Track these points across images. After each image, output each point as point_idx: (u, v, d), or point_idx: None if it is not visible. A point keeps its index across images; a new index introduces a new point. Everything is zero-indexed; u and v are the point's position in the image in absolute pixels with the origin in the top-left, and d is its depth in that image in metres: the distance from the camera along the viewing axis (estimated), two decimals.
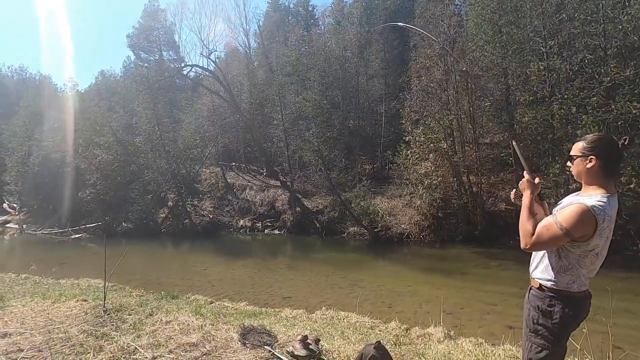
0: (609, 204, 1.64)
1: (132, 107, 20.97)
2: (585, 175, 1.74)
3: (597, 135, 1.79)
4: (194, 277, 10.22)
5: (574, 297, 1.70)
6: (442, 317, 4.54)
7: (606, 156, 1.70)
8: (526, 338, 1.78)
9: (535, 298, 1.75)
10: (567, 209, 1.64)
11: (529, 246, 1.69)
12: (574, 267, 1.68)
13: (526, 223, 1.72)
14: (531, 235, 1.68)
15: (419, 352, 3.26)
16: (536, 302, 1.74)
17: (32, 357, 3.14)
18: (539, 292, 1.74)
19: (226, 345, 3.31)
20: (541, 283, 1.74)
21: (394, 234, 14.99)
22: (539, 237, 1.66)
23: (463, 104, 13.35)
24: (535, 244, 1.68)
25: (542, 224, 1.69)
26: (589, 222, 1.59)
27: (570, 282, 1.69)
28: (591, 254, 1.66)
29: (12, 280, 6.42)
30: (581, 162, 1.74)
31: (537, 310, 1.72)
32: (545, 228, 1.66)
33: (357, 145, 21.18)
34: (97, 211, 19.58)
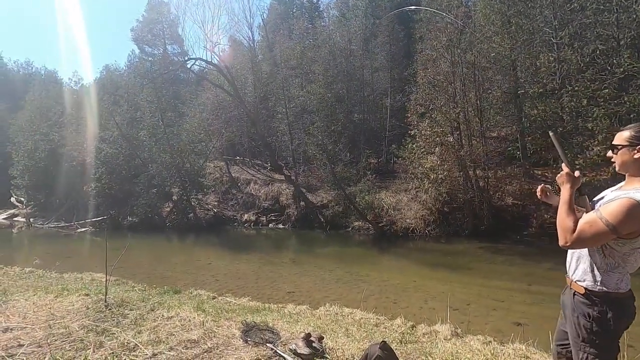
0: None
1: (136, 101, 20.93)
2: (633, 166, 1.63)
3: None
4: (198, 272, 10.22)
5: (623, 299, 1.61)
6: (448, 313, 4.42)
7: None
8: (578, 348, 1.66)
9: (583, 305, 1.63)
10: (614, 204, 1.52)
11: (570, 243, 1.57)
12: (620, 265, 1.59)
13: (566, 219, 1.61)
14: (572, 232, 1.56)
15: (426, 351, 3.16)
16: (585, 310, 1.62)
17: (32, 353, 3.09)
18: (585, 298, 1.63)
19: (228, 343, 3.24)
20: (587, 288, 1.62)
21: (399, 228, 14.86)
22: (581, 234, 1.54)
23: (470, 96, 13.09)
24: (577, 241, 1.56)
25: (585, 219, 1.58)
26: (637, 217, 1.47)
27: (618, 281, 1.59)
28: (638, 251, 1.56)
29: (16, 274, 6.42)
30: (628, 152, 1.63)
31: (588, 318, 1.60)
32: (588, 224, 1.54)
33: (362, 139, 20.99)
34: (102, 205, 19.69)
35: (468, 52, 12.85)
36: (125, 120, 20.53)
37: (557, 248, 1.60)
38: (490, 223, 13.15)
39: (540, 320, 6.18)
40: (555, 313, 4.37)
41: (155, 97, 19.28)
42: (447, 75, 13.02)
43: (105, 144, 20.03)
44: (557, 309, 6.04)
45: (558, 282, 7.30)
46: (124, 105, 21.54)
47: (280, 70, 22.69)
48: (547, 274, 9.38)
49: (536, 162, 13.73)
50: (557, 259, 10.83)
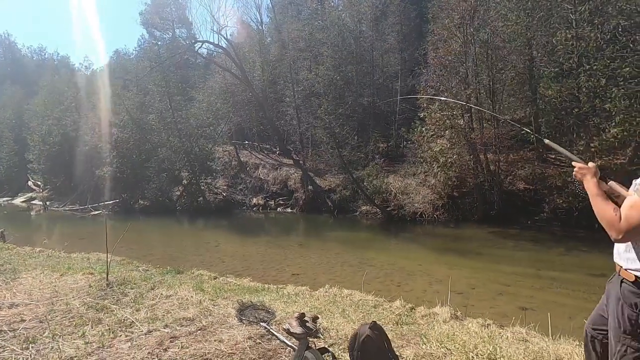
0: None
1: (145, 86, 20.99)
2: None
3: None
4: (206, 253, 10.37)
5: None
6: (449, 296, 4.36)
7: None
8: (618, 339, 1.55)
9: (631, 294, 1.50)
10: None
11: (622, 234, 1.43)
12: None
13: (606, 210, 1.49)
14: (618, 222, 1.44)
15: (421, 333, 3.12)
16: (633, 299, 1.49)
17: (33, 328, 3.17)
18: (635, 287, 1.49)
19: (223, 321, 3.26)
20: (638, 276, 1.48)
21: (407, 213, 14.73)
22: (629, 220, 1.42)
23: (482, 77, 12.64)
24: (628, 230, 1.42)
25: (627, 204, 1.46)
26: None
27: None
28: None
29: (26, 253, 6.61)
30: None
31: (635, 309, 1.49)
32: (632, 208, 1.42)
33: (371, 123, 20.67)
34: (115, 189, 20.07)
35: (481, 30, 12.33)
36: (134, 104, 20.65)
37: (569, 234, 1.49)
38: (500, 208, 12.90)
39: (547, 305, 6.07)
40: (563, 298, 4.19)
41: (164, 81, 19.27)
42: (458, 55, 12.57)
43: (116, 128, 20.25)
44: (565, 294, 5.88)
45: (569, 267, 7.16)
46: (134, 89, 21.63)
47: (288, 52, 22.32)
48: (558, 259, 9.21)
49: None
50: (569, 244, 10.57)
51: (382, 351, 2.36)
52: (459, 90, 12.27)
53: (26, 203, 25.70)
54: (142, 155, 20.17)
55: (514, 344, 2.91)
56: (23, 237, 10.79)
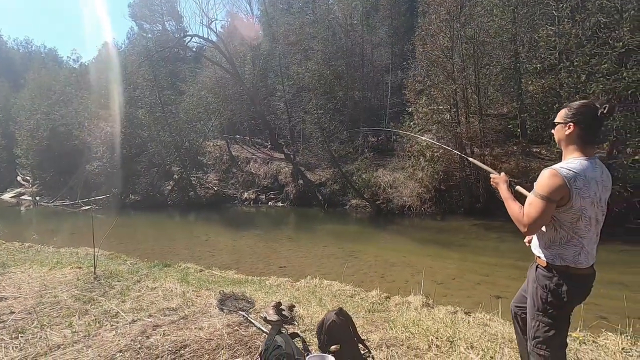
0: (584, 166, 1.65)
1: (134, 80, 20.81)
2: (564, 141, 1.76)
3: (580, 102, 1.79)
4: (195, 247, 10.52)
5: (581, 275, 1.70)
6: (422, 286, 4.58)
7: (585, 123, 1.71)
8: (533, 317, 1.78)
9: (543, 277, 1.73)
10: (540, 178, 1.68)
11: (526, 228, 1.69)
12: (573, 237, 1.67)
13: (514, 209, 1.75)
14: (522, 217, 1.69)
15: (390, 319, 3.34)
16: (544, 281, 1.72)
17: (22, 319, 3.32)
18: (547, 271, 1.72)
19: (204, 311, 3.44)
20: (548, 261, 1.72)
21: (395, 206, 15.01)
22: (529, 215, 1.67)
23: (469, 72, 12.85)
24: (530, 224, 1.67)
25: (526, 202, 1.71)
26: (559, 182, 1.60)
27: (576, 254, 1.67)
28: (583, 218, 1.65)
29: (15, 248, 6.70)
30: (561, 128, 1.76)
31: (546, 289, 1.71)
32: (529, 205, 1.68)
33: (362, 117, 20.83)
34: (105, 184, 19.99)
35: (467, 26, 12.50)
36: (124, 99, 20.49)
37: None
38: (485, 201, 13.22)
39: None
40: None
41: (153, 75, 19.15)
42: (445, 51, 12.74)
43: (106, 122, 20.11)
44: None
45: None
46: (123, 83, 21.43)
47: (279, 46, 22.28)
48: None
49: (535, 140, 13.61)
50: None
51: (348, 335, 2.57)
52: (445, 85, 12.47)
53: (15, 198, 25.46)
54: (132, 150, 20.10)
55: (474, 328, 3.14)
56: (12, 232, 10.84)
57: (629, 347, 2.98)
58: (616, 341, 3.08)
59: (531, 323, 1.79)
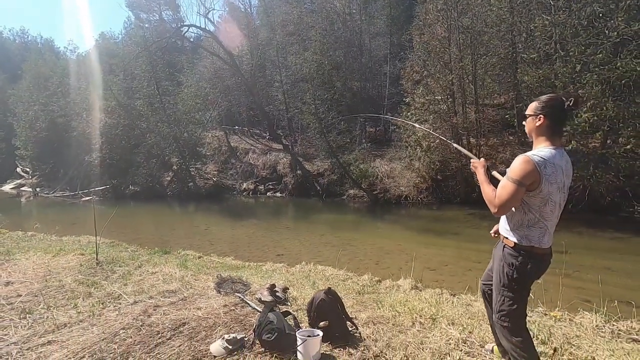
0: (553, 155, 1.78)
1: (132, 70, 20.77)
2: (534, 132, 1.89)
3: (549, 96, 1.91)
4: (195, 237, 10.70)
5: (543, 254, 1.85)
6: (412, 270, 4.76)
7: (554, 115, 1.84)
8: (498, 292, 1.92)
9: (509, 256, 1.87)
10: (513, 163, 1.80)
11: (497, 209, 1.81)
12: (540, 220, 1.80)
13: (488, 192, 1.87)
14: (494, 199, 1.81)
15: (379, 300, 3.52)
16: (510, 260, 1.86)
17: (29, 302, 3.49)
18: (513, 251, 1.86)
19: (202, 293, 3.62)
20: (516, 242, 1.85)
21: (392, 196, 15.18)
22: (500, 198, 1.79)
23: (465, 62, 12.87)
24: (501, 205, 1.79)
25: (499, 185, 1.84)
26: (531, 168, 1.73)
27: (540, 236, 1.82)
28: (549, 203, 1.79)
29: (19, 237, 6.87)
30: (532, 120, 1.89)
31: (512, 267, 1.85)
32: (502, 187, 1.80)
33: (360, 108, 20.85)
34: (105, 175, 20.12)
35: (464, 15, 12.48)
36: (122, 89, 20.49)
37: None
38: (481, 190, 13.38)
39: None
40: None
41: (150, 65, 19.11)
42: (442, 41, 12.75)
43: (104, 114, 20.14)
44: None
45: None
46: (120, 74, 21.40)
47: (277, 36, 22.17)
48: None
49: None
50: None
51: (336, 312, 2.74)
52: (442, 75, 12.51)
53: (15, 190, 25.58)
54: (131, 141, 20.18)
55: (457, 307, 3.33)
56: (14, 223, 10.99)
57: (602, 324, 3.17)
58: (591, 319, 3.27)
59: (497, 297, 1.95)
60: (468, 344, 2.59)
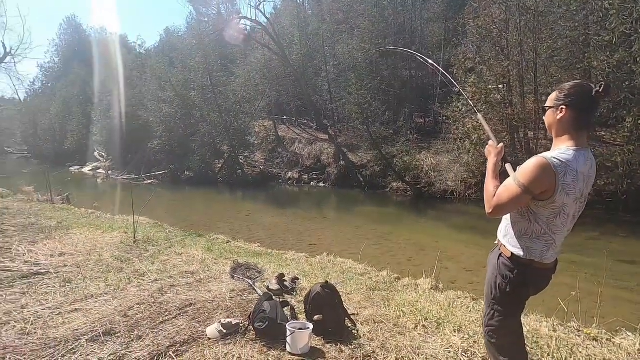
0: (576, 158, 1.50)
1: (189, 63, 22.05)
2: (556, 127, 1.60)
3: (572, 83, 1.61)
4: (236, 221, 11.23)
5: (543, 270, 1.62)
6: (435, 269, 4.52)
7: (579, 105, 1.54)
8: (488, 304, 1.74)
9: (504, 267, 1.65)
10: (525, 164, 1.54)
11: (492, 210, 1.59)
12: (547, 232, 1.56)
13: (489, 187, 1.63)
14: (492, 197, 1.58)
15: (388, 297, 3.40)
16: (505, 271, 1.64)
17: (71, 272, 3.93)
18: (509, 262, 1.63)
19: (217, 276, 3.79)
20: (513, 252, 1.62)
21: (437, 190, 14.52)
22: (499, 199, 1.56)
23: (525, 48, 11.70)
24: (497, 207, 1.57)
25: (503, 184, 1.59)
26: (546, 175, 1.46)
27: (544, 250, 1.58)
28: (562, 215, 1.53)
29: (81, 214, 7.74)
30: (552, 113, 1.60)
31: (505, 279, 1.63)
32: (505, 188, 1.56)
33: (409, 97, 20.08)
34: (164, 160, 21.82)
35: None
36: (179, 81, 21.88)
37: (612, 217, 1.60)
38: None
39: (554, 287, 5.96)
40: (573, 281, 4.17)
41: (204, 57, 20.11)
42: (499, 24, 11.69)
43: (164, 104, 21.72)
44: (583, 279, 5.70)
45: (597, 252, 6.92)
46: (179, 66, 22.84)
47: (326, 25, 22.04)
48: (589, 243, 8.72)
49: (601, 123, 12.14)
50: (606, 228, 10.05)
51: (332, 306, 2.71)
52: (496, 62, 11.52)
53: (92, 172, 28.80)
54: (187, 129, 21.55)
55: (471, 314, 3.10)
56: (84, 200, 12.41)
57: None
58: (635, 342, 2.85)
59: (486, 310, 1.75)
60: (469, 354, 2.41)
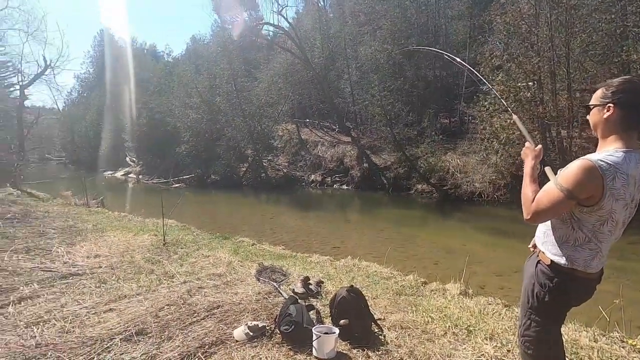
0: (625, 160, 1.38)
1: (214, 69, 22.64)
2: (602, 127, 1.49)
3: (621, 79, 1.50)
4: (260, 224, 11.37)
5: (587, 280, 1.50)
6: (464, 273, 4.38)
7: (628, 104, 1.43)
8: (525, 313, 1.64)
9: (543, 275, 1.54)
10: (569, 167, 1.42)
11: (530, 216, 1.48)
12: (592, 240, 1.45)
13: (527, 191, 1.53)
14: (531, 202, 1.48)
15: (415, 303, 3.33)
16: (544, 280, 1.53)
17: (105, 273, 4.09)
18: (549, 270, 1.52)
19: (243, 279, 3.84)
20: (554, 260, 1.51)
21: (464, 192, 14.13)
22: (539, 204, 1.45)
23: (557, 43, 11.20)
24: (536, 213, 1.46)
25: (543, 188, 1.49)
26: (593, 179, 1.35)
27: (589, 258, 1.46)
28: (609, 222, 1.42)
29: (114, 217, 8.09)
30: (598, 111, 1.50)
31: (544, 288, 1.53)
32: (545, 193, 1.46)
33: (433, 98, 19.69)
34: (191, 165, 22.47)
35: None
36: (205, 87, 22.51)
37: None
38: None
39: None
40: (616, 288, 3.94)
41: (228, 64, 20.58)
42: (528, 19, 11.26)
43: (191, 110, 22.40)
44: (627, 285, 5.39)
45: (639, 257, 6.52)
46: (204, 73, 23.50)
47: (348, 27, 22.04)
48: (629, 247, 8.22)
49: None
50: None
51: (358, 311, 2.68)
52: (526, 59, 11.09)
53: (124, 176, 30.07)
54: (213, 134, 22.12)
55: (503, 321, 2.97)
56: (116, 204, 12.97)
57: None
58: None
59: (522, 319, 1.66)
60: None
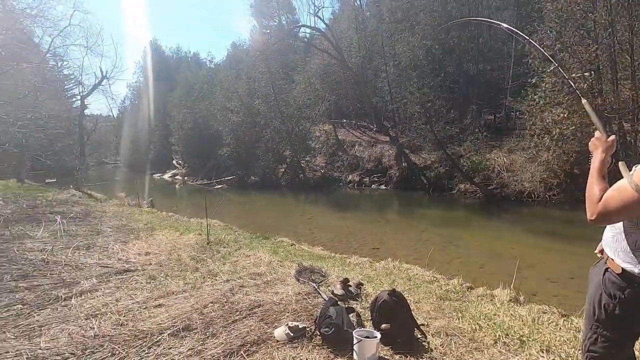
0: None
1: (253, 73, 23.28)
2: None
3: None
4: (298, 224, 11.49)
5: None
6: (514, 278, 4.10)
7: None
8: (590, 327, 1.49)
9: (612, 285, 1.40)
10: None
11: (595, 216, 1.32)
12: None
13: (593, 188, 1.36)
14: (597, 202, 1.32)
15: (460, 309, 3.17)
16: (613, 290, 1.39)
17: (155, 270, 4.32)
18: (620, 279, 1.38)
19: (283, 279, 3.88)
20: (626, 269, 1.36)
21: (511, 192, 13.35)
22: (607, 204, 1.29)
23: (618, 28, 10.20)
24: (603, 214, 1.31)
25: (613, 187, 1.32)
26: None
27: None
28: None
29: (163, 217, 8.57)
30: None
31: (614, 299, 1.39)
32: (616, 191, 1.29)
33: (476, 93, 18.80)
34: (232, 166, 23.26)
35: None
36: (245, 91, 23.20)
37: None
38: None
39: None
40: None
41: (267, 67, 21.05)
42: (584, 4, 10.37)
43: (232, 113, 23.20)
44: None
45: None
46: (244, 77, 24.23)
47: (385, 25, 21.68)
48: None
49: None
50: None
51: (401, 315, 2.59)
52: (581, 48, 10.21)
53: (171, 178, 31.81)
54: (252, 136, 22.75)
55: (561, 332, 2.74)
56: (164, 204, 13.73)
57: None
58: None
59: (587, 333, 1.50)
60: None
